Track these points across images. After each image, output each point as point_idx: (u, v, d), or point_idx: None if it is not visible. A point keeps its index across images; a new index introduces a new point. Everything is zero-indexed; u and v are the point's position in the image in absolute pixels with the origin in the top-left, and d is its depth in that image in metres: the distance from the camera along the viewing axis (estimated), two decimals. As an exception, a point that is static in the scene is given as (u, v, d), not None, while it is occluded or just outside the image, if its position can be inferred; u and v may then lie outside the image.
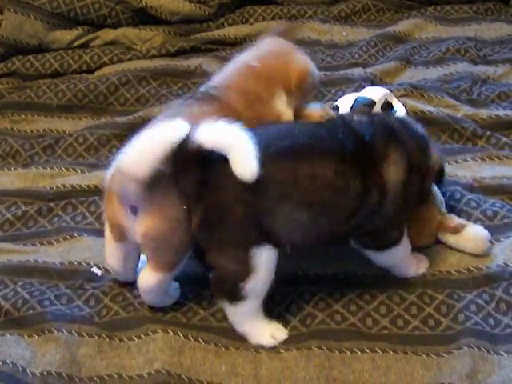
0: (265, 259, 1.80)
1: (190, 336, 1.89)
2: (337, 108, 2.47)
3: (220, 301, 1.88)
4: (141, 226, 1.84)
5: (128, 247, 1.97)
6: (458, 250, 2.09)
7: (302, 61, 2.22)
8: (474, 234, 2.09)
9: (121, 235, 1.94)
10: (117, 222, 1.92)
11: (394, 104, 2.48)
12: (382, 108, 2.43)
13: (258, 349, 1.86)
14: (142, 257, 2.00)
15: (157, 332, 1.90)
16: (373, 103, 2.44)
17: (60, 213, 2.35)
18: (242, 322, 1.88)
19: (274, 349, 1.85)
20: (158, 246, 1.86)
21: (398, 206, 1.89)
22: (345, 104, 2.47)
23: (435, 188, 2.16)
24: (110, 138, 2.66)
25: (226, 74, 2.20)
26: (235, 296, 1.82)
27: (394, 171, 1.86)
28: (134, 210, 1.85)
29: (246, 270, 1.79)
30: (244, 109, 2.07)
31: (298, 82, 2.16)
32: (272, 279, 1.84)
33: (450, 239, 2.10)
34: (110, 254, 2.02)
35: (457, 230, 2.09)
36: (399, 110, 2.46)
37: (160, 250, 1.88)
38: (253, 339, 1.88)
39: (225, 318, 1.91)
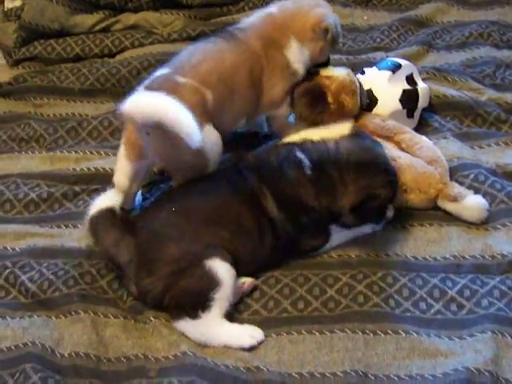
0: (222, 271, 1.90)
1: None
2: (362, 72, 2.50)
3: (183, 322, 1.91)
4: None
5: (137, 167, 2.14)
6: (458, 219, 2.15)
7: (318, 13, 2.30)
8: (472, 204, 2.14)
9: (134, 154, 2.12)
10: (133, 141, 2.09)
11: (417, 80, 2.48)
12: (406, 79, 2.44)
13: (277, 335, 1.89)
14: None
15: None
16: (399, 66, 2.46)
17: (85, 196, 2.36)
18: (213, 334, 1.90)
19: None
20: None
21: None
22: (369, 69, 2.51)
23: (441, 155, 2.23)
24: None
25: (251, 18, 2.35)
26: (198, 308, 1.88)
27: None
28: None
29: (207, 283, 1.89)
30: (260, 50, 2.24)
31: (311, 33, 2.26)
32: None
33: (449, 206, 2.16)
34: (120, 172, 2.17)
35: (456, 199, 2.14)
36: (422, 88, 2.47)
37: None
38: (233, 344, 1.89)
39: (248, 306, 1.97)
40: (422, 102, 2.47)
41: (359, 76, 2.47)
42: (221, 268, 1.89)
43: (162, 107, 1.92)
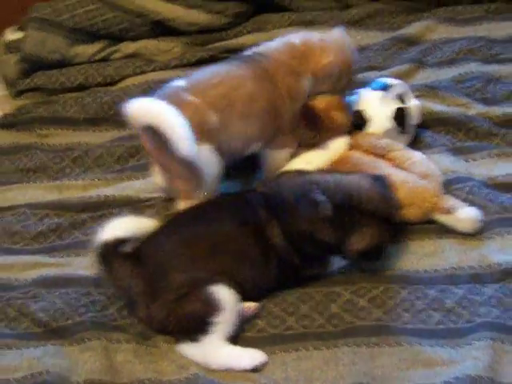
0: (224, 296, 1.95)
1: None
2: (355, 93, 2.56)
3: (185, 345, 1.97)
4: None
5: None
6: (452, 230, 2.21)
7: (334, 55, 2.38)
8: (465, 215, 2.20)
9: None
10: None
11: (409, 98, 2.53)
12: (398, 97, 2.50)
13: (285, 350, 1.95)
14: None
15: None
16: (390, 85, 2.53)
17: (93, 224, 2.38)
18: (215, 357, 1.95)
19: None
20: None
21: None
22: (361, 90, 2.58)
23: (435, 169, 2.30)
24: (138, 149, 2.69)
25: (271, 44, 2.41)
26: (198, 332, 1.94)
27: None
28: None
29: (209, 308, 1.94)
30: (280, 77, 2.29)
31: (322, 72, 2.34)
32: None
33: (443, 219, 2.22)
34: (155, 174, 2.32)
35: (449, 212, 2.21)
36: (414, 105, 2.53)
37: None
38: (234, 366, 1.93)
39: (254, 324, 2.02)
40: (414, 119, 2.52)
41: (352, 97, 2.54)
42: (223, 293, 1.94)
43: (159, 112, 2.03)
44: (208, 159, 2.17)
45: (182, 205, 2.24)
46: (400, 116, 2.47)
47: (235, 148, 2.27)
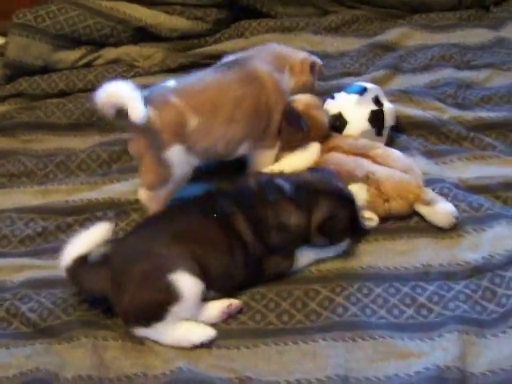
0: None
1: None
2: (332, 97, 2.66)
3: (138, 328, 2.04)
4: None
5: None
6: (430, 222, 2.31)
7: (306, 54, 2.59)
8: (442, 209, 2.29)
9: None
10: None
11: (383, 101, 2.63)
12: (373, 100, 2.60)
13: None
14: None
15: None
16: (365, 89, 2.62)
17: (78, 227, 2.43)
18: (170, 337, 2.03)
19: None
20: None
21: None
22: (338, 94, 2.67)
23: (414, 164, 2.41)
24: (120, 154, 2.74)
25: (250, 51, 2.55)
26: (152, 319, 2.02)
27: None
28: None
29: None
30: (268, 75, 2.41)
31: (299, 66, 2.52)
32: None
33: (423, 210, 2.32)
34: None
35: (429, 203, 2.30)
36: (388, 108, 2.62)
37: None
38: (188, 343, 2.02)
39: (235, 318, 2.09)
40: (389, 121, 2.61)
41: (329, 101, 2.64)
42: (184, 281, 2.01)
43: (118, 89, 2.16)
44: (179, 159, 2.28)
45: (141, 193, 2.35)
46: (375, 118, 2.57)
47: (222, 150, 2.35)
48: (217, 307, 2.09)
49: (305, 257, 2.22)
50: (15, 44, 3.26)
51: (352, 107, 2.58)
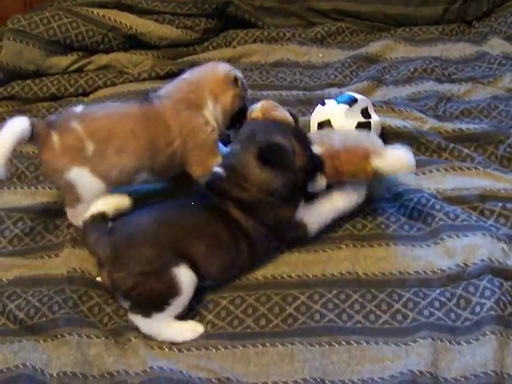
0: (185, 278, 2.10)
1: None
2: (323, 103, 2.71)
3: (136, 316, 2.11)
4: None
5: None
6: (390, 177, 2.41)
7: (224, 67, 2.54)
8: (395, 154, 2.34)
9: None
10: None
11: (371, 113, 2.68)
12: (361, 112, 2.65)
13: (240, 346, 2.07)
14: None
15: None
16: (355, 100, 2.67)
17: (64, 228, 2.49)
18: (160, 331, 2.11)
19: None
20: None
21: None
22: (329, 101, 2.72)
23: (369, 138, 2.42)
24: None
25: (168, 86, 2.56)
26: (153, 309, 2.09)
27: None
28: None
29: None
30: (172, 116, 2.42)
31: (222, 85, 2.49)
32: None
33: (379, 164, 2.31)
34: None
35: (380, 154, 2.32)
36: (376, 120, 2.68)
37: None
38: (178, 338, 2.10)
39: (213, 324, 2.14)
40: (376, 133, 2.65)
41: (320, 107, 2.69)
42: (185, 277, 2.08)
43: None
44: (84, 180, 2.36)
45: (67, 212, 2.46)
46: (362, 130, 2.61)
47: (117, 176, 2.40)
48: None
49: (315, 214, 2.31)
50: (9, 49, 3.30)
51: (341, 117, 2.63)
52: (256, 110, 2.51)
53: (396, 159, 2.34)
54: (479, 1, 3.63)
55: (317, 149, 2.31)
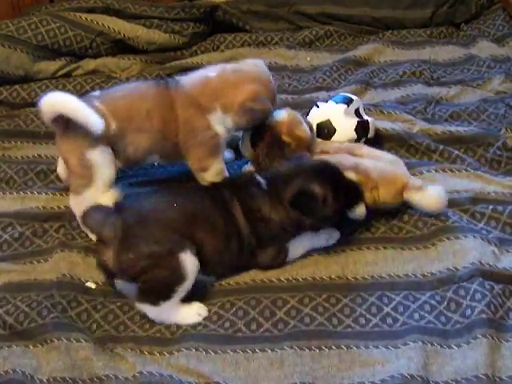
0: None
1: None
2: (317, 106, 2.72)
3: (144, 305, 2.14)
4: None
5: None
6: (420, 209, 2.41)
7: (249, 90, 2.43)
8: (434, 192, 2.38)
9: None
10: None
11: (362, 114, 2.70)
12: (355, 112, 2.67)
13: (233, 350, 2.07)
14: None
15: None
16: (352, 100, 2.69)
17: (54, 233, 2.49)
18: (168, 316, 2.15)
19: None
20: None
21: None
22: (325, 102, 2.73)
23: (399, 158, 2.50)
24: None
25: (191, 75, 2.54)
26: (160, 298, 2.12)
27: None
28: None
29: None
30: (181, 109, 2.43)
31: (237, 108, 2.44)
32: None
33: (414, 196, 2.39)
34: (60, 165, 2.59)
35: (420, 188, 2.38)
36: (371, 120, 2.69)
37: None
38: (183, 322, 2.14)
39: (204, 326, 2.14)
40: (372, 133, 2.68)
41: (314, 109, 2.70)
42: (190, 263, 2.10)
43: (66, 100, 2.27)
44: (104, 160, 2.38)
45: (71, 200, 2.45)
46: (361, 129, 2.64)
47: (130, 155, 2.44)
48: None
49: (297, 247, 2.31)
50: (-3, 54, 3.28)
51: (340, 116, 2.65)
52: (279, 123, 2.50)
53: (434, 199, 2.39)
54: (467, 4, 3.65)
55: (352, 176, 2.35)
